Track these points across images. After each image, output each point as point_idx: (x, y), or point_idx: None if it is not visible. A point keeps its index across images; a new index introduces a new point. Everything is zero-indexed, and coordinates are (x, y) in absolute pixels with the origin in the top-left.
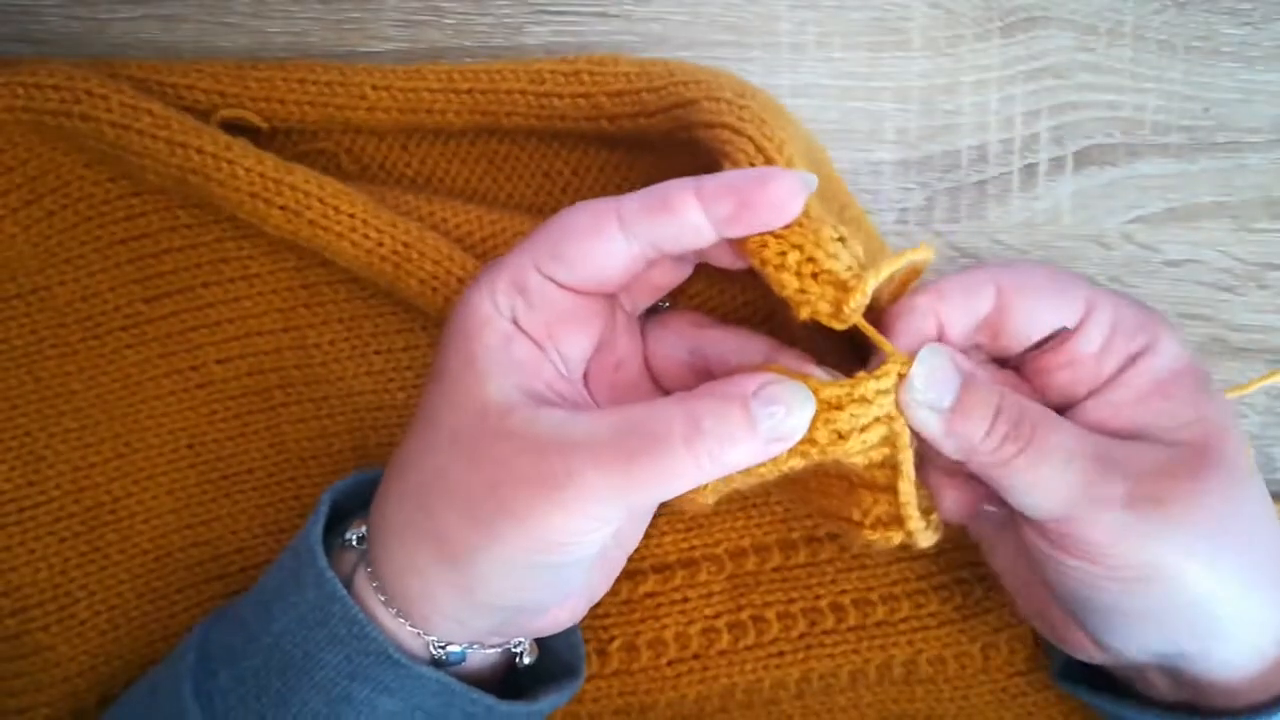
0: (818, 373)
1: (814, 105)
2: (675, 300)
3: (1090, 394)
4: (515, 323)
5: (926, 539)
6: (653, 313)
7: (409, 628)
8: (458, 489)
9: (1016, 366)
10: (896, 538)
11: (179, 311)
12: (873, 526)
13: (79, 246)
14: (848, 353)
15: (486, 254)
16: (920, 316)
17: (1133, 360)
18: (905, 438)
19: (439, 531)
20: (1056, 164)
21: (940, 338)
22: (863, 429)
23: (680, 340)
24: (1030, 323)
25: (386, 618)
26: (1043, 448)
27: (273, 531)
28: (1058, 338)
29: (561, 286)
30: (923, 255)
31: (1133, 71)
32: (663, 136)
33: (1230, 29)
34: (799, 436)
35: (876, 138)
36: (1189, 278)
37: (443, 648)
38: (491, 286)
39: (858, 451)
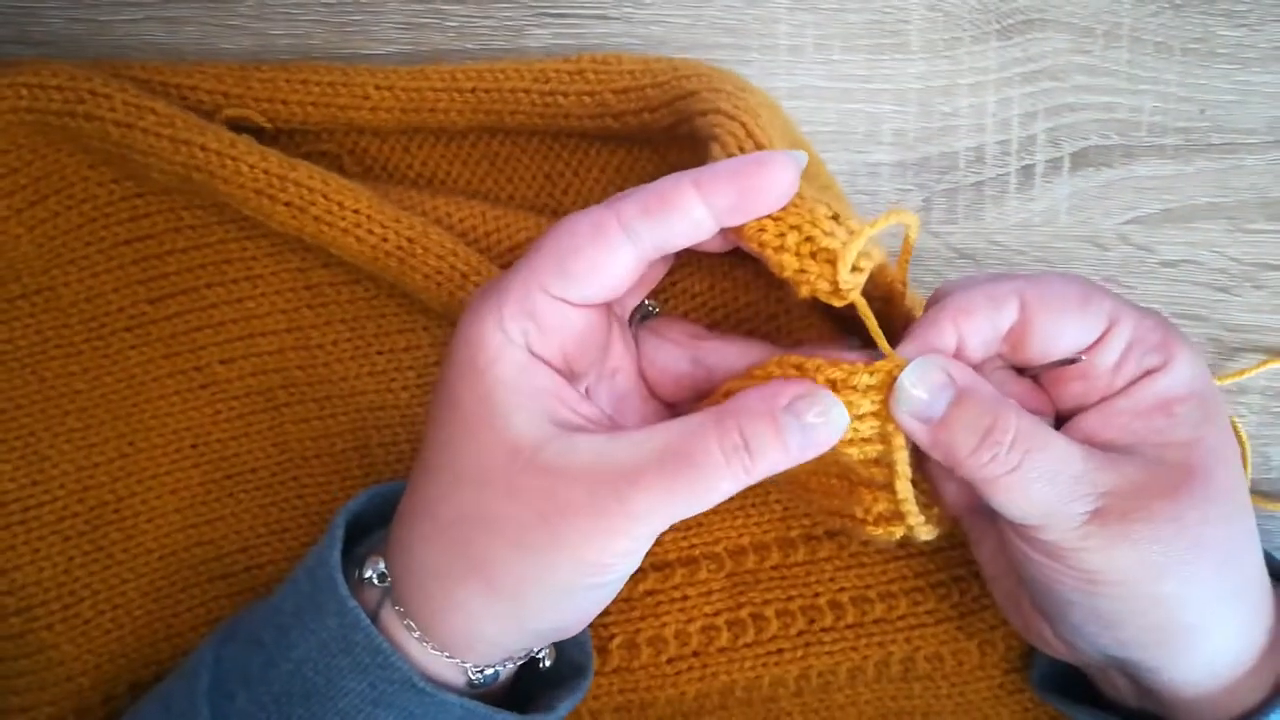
0: (852, 354)
1: (812, 107)
2: (676, 305)
3: (1097, 402)
4: (530, 350)
5: (927, 533)
6: (643, 316)
7: (445, 658)
8: (501, 524)
9: (1034, 375)
10: (898, 532)
11: (183, 312)
12: (875, 523)
13: (83, 247)
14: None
15: (490, 249)
16: (938, 332)
17: (1144, 375)
18: (900, 438)
19: (485, 569)
20: (1053, 165)
21: (958, 353)
22: (858, 417)
23: (680, 351)
24: (1051, 339)
25: (417, 649)
26: (1027, 475)
27: (276, 531)
28: (1075, 361)
29: (572, 305)
30: (904, 220)
31: (1129, 73)
32: (666, 131)
33: (1226, 31)
34: (834, 443)
35: (874, 139)
36: (1185, 278)
37: (480, 671)
38: (499, 315)
39: (852, 439)
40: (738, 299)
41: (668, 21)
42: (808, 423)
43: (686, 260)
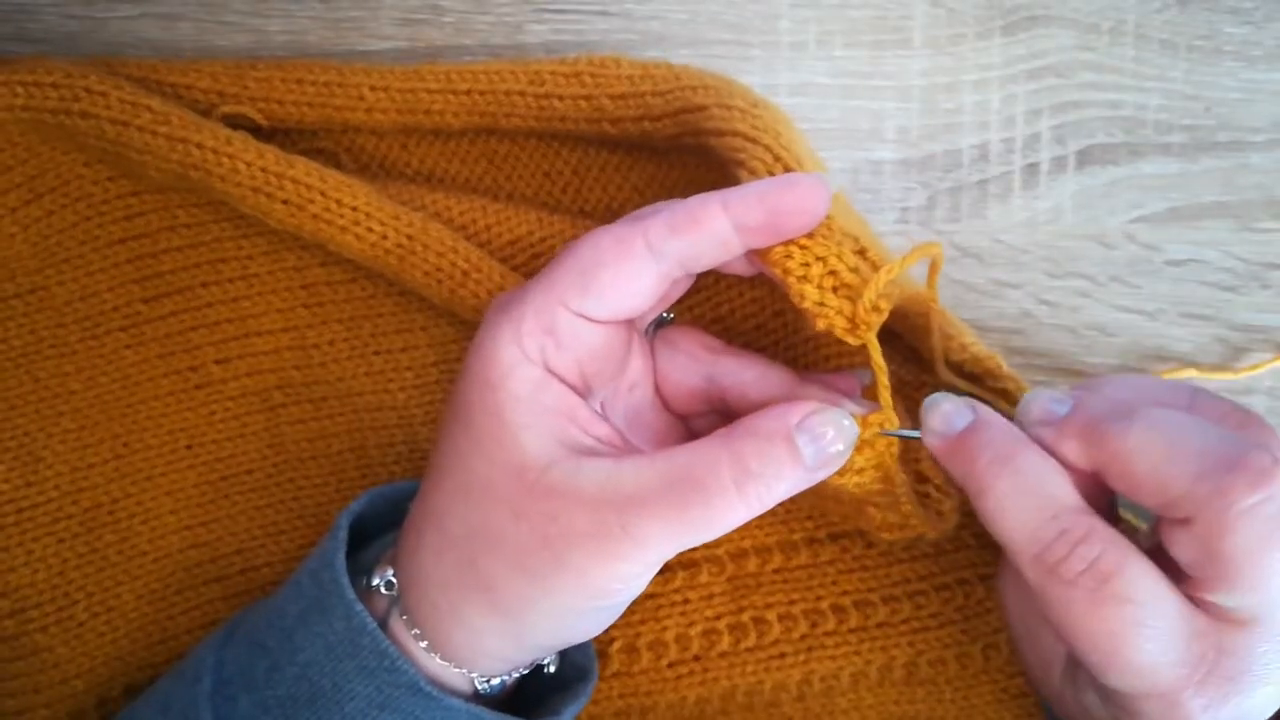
0: (850, 405)
1: (814, 104)
2: (688, 299)
3: None
4: (546, 366)
5: (938, 532)
6: (657, 325)
7: (454, 669)
8: (505, 544)
9: None
10: (912, 534)
11: (178, 312)
12: (887, 531)
13: (78, 246)
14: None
15: (490, 242)
16: None
17: None
18: (898, 475)
19: (488, 586)
20: (1058, 163)
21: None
22: (857, 470)
23: (694, 365)
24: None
25: (424, 658)
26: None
27: (272, 533)
28: None
29: (593, 321)
30: (928, 253)
31: (1135, 70)
32: (667, 141)
33: (1232, 28)
34: (844, 461)
35: (877, 137)
36: (1191, 277)
37: (486, 681)
38: (516, 330)
39: (856, 482)
40: (744, 294)
41: (668, 17)
42: (821, 439)
43: None
